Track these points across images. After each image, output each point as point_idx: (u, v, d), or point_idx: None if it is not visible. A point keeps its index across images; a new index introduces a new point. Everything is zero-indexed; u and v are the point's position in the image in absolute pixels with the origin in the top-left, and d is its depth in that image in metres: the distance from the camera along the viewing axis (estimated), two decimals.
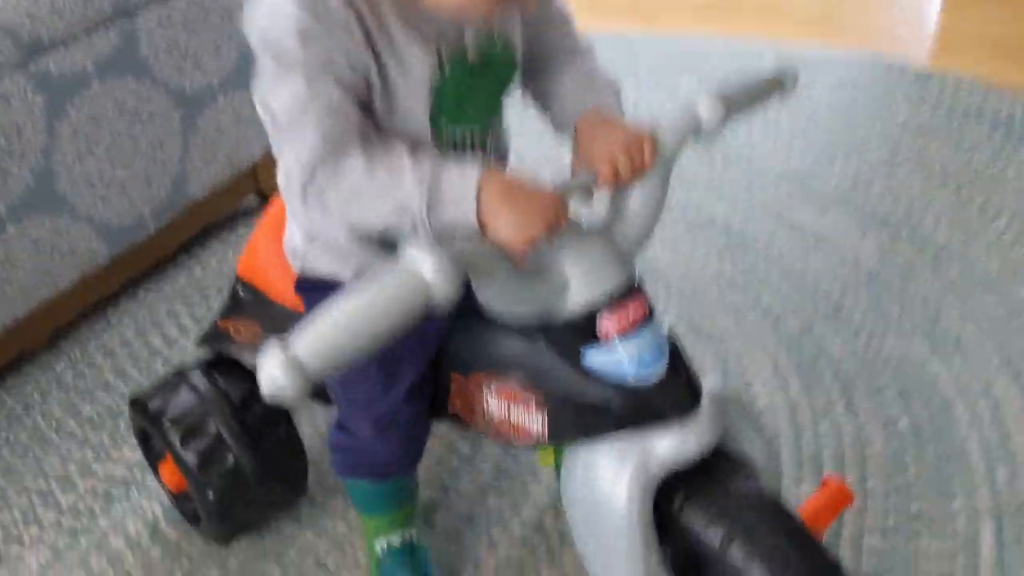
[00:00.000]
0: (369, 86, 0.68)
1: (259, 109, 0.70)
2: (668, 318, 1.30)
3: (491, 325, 0.78)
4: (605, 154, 0.70)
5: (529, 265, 0.71)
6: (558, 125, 0.79)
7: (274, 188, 0.85)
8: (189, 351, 1.32)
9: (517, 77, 0.78)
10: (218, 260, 1.53)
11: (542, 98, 0.80)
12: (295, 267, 0.84)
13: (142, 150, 1.40)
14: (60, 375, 1.32)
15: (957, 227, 1.41)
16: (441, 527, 1.04)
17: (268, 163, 1.64)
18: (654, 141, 0.73)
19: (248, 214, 1.62)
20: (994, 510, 0.98)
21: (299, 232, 0.82)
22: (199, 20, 1.44)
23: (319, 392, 0.95)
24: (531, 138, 1.04)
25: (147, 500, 1.11)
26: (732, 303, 1.32)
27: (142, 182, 1.41)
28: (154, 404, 1.00)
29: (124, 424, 1.22)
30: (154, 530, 1.08)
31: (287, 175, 0.68)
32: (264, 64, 0.67)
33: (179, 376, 1.03)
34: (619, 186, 0.73)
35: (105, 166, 1.35)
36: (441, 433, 1.15)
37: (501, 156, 0.81)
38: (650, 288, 0.74)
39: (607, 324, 0.70)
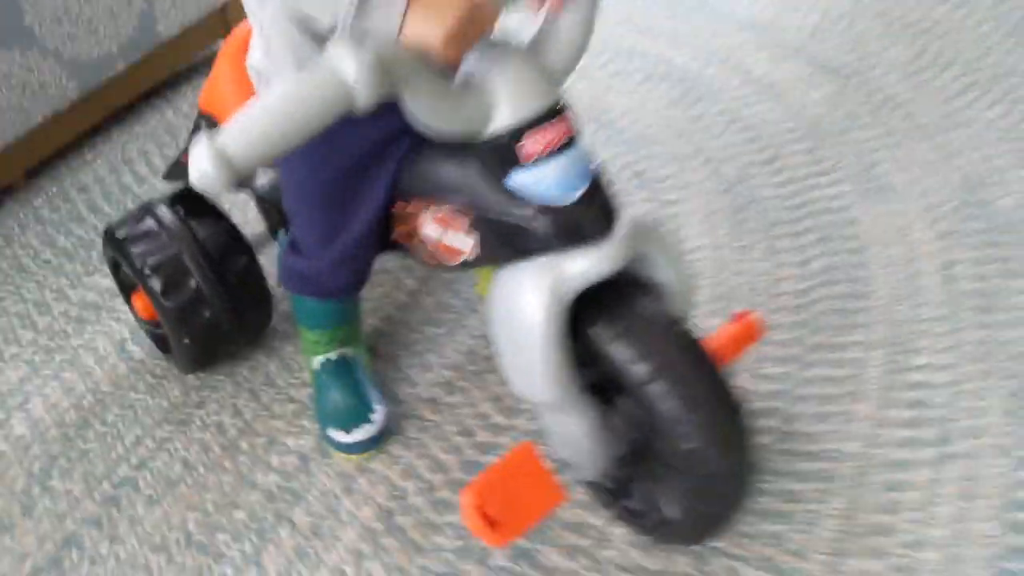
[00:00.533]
0: None
1: None
2: (617, 163, 1.35)
3: (429, 154, 0.83)
4: None
5: (457, 82, 0.74)
6: None
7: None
8: (159, 187, 1.40)
9: None
10: (189, 104, 1.58)
11: None
12: (256, 85, 0.88)
13: None
14: (38, 209, 1.41)
15: (907, 77, 1.43)
16: (383, 352, 1.13)
17: (237, 3, 1.66)
18: None
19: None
20: (885, 341, 1.06)
21: (259, 47, 0.84)
22: None
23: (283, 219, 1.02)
24: None
25: (115, 323, 1.21)
26: (678, 150, 1.36)
27: (108, 18, 1.45)
28: (122, 233, 1.06)
29: (96, 255, 1.31)
30: (121, 349, 1.18)
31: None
32: None
33: (146, 209, 1.08)
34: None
35: (74, 7, 1.39)
36: (390, 267, 1.24)
37: None
38: (601, 134, 0.78)
39: (531, 145, 0.74)
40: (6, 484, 1.05)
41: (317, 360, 1.03)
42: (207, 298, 1.03)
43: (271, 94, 0.62)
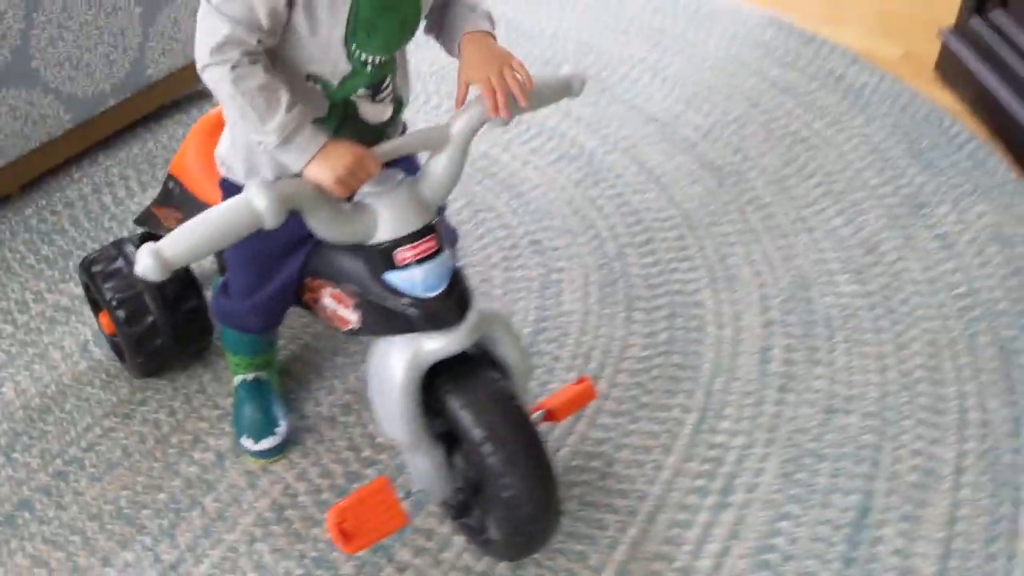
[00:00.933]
0: (292, 6, 0.88)
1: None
2: (519, 231, 1.60)
3: (330, 248, 1.05)
4: (484, 78, 0.93)
5: (351, 205, 0.98)
6: (449, 49, 1.01)
7: None
8: (132, 208, 1.64)
9: (420, 19, 0.98)
10: (168, 136, 1.82)
11: (435, 29, 1.02)
12: (220, 171, 1.11)
13: (105, 39, 1.67)
14: (27, 219, 1.64)
15: (775, 182, 1.69)
16: (295, 375, 1.38)
17: None
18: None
19: (199, 98, 1.90)
20: (700, 407, 1.31)
21: (227, 141, 1.07)
22: None
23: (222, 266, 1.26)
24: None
25: (81, 326, 1.45)
26: (573, 226, 1.61)
27: (104, 64, 1.69)
28: (96, 268, 1.29)
29: (73, 264, 1.54)
30: (84, 349, 1.42)
31: (198, 50, 0.88)
32: (199, 16, 0.89)
33: (117, 247, 1.31)
34: (496, 114, 0.94)
35: (72, 49, 1.63)
36: None
37: (398, 100, 1.04)
38: (512, 203, 1.02)
39: (404, 254, 0.98)
40: None
41: (237, 379, 1.28)
42: (160, 330, 1.28)
43: (204, 214, 0.87)
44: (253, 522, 1.19)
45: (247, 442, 1.25)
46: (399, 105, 1.05)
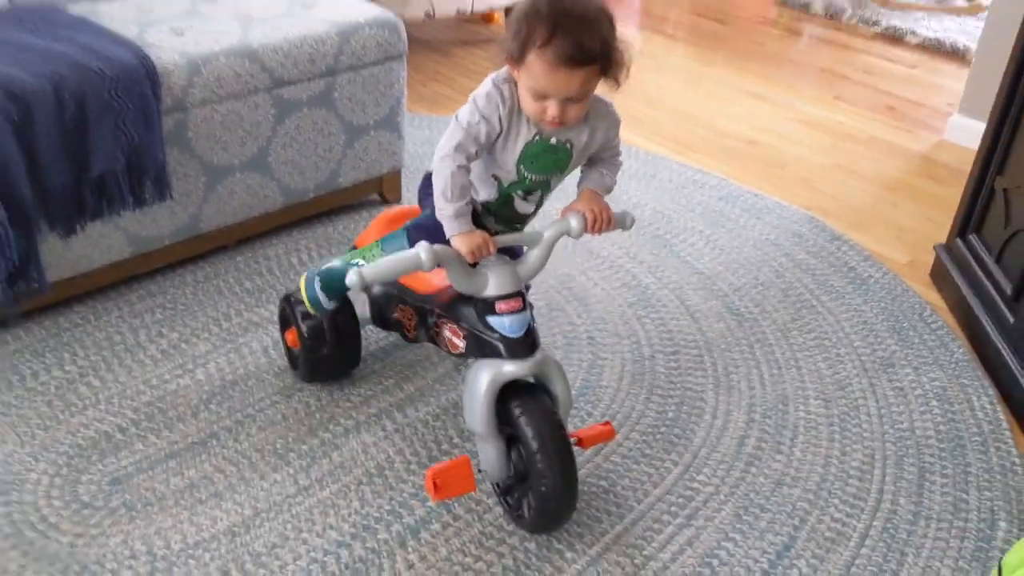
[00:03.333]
0: (495, 138, 1.47)
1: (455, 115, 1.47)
2: (580, 329, 2.16)
3: (458, 301, 1.62)
4: (589, 210, 1.53)
5: (474, 270, 1.54)
6: (580, 185, 1.60)
7: (392, 192, 1.78)
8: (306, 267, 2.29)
9: (568, 167, 1.54)
10: (343, 226, 2.50)
11: (582, 171, 1.63)
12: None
13: (318, 152, 2.39)
14: (237, 263, 2.31)
15: (780, 331, 2.22)
16: (407, 394, 1.94)
17: (391, 177, 2.61)
18: (611, 218, 1.54)
19: (370, 204, 2.59)
20: (686, 464, 1.81)
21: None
22: (371, 84, 2.41)
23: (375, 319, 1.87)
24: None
25: (266, 337, 2.07)
26: (620, 331, 2.17)
27: (313, 169, 2.39)
28: (294, 297, 1.88)
29: (265, 297, 2.19)
30: (265, 352, 2.03)
31: (441, 144, 1.46)
32: (469, 101, 1.46)
33: None
34: (592, 231, 1.53)
35: (295, 156, 2.35)
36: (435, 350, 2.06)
37: (539, 204, 1.61)
38: (577, 310, 1.61)
39: (501, 305, 1.54)
40: (186, 400, 1.89)
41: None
42: (331, 352, 1.86)
43: (390, 257, 1.47)
44: (362, 473, 1.74)
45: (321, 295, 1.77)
46: (538, 207, 1.65)
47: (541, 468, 1.49)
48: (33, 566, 1.53)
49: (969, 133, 3.15)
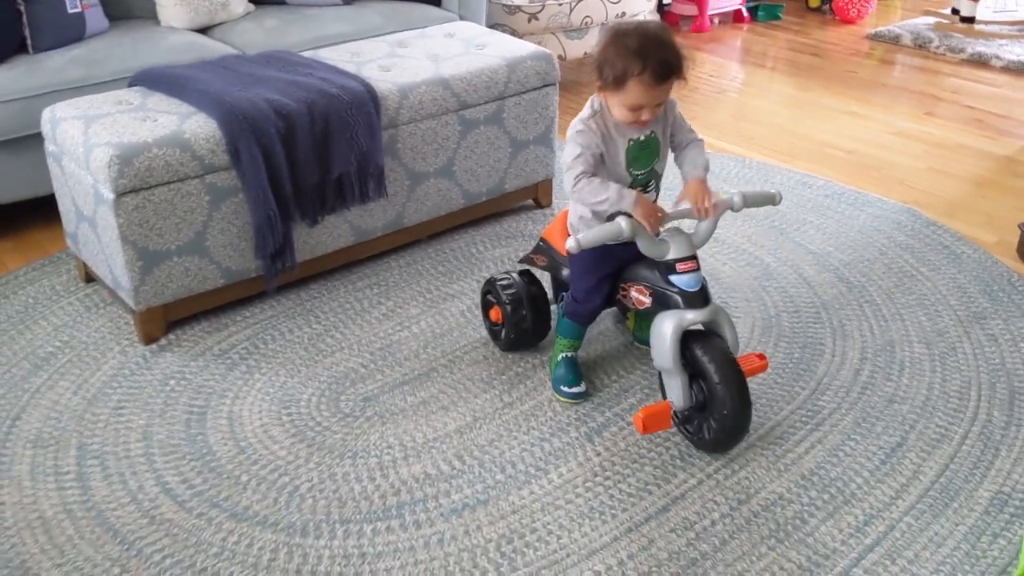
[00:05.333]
0: (601, 152, 2.02)
1: (563, 157, 2.06)
2: (713, 297, 2.62)
3: (642, 264, 2.06)
4: (694, 195, 2.00)
5: (658, 237, 1.99)
6: (684, 176, 2.10)
7: (544, 198, 2.30)
8: (488, 257, 2.81)
9: (662, 151, 2.02)
10: (509, 224, 3.03)
11: (678, 160, 2.12)
12: (570, 230, 2.22)
13: (490, 162, 2.93)
14: (429, 255, 2.85)
15: (885, 294, 2.63)
16: (593, 361, 2.42)
17: (544, 184, 3.14)
18: (713, 205, 1.94)
19: (527, 208, 3.12)
20: (815, 388, 2.23)
21: (574, 215, 2.20)
22: (531, 106, 2.95)
23: (562, 286, 2.35)
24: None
25: (462, 304, 2.59)
26: (748, 296, 2.62)
27: (487, 175, 2.93)
28: (499, 282, 2.28)
29: (455, 276, 2.71)
30: (463, 315, 2.55)
31: (567, 185, 2.00)
32: (567, 143, 2.00)
33: (507, 274, 2.38)
34: (698, 215, 1.94)
35: (474, 165, 2.89)
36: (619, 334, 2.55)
37: (657, 188, 2.13)
38: (709, 283, 2.08)
39: (680, 266, 1.93)
40: (408, 346, 2.41)
41: (560, 356, 2.20)
42: (527, 319, 2.32)
43: (599, 227, 1.93)
44: (550, 397, 2.22)
45: (563, 388, 2.16)
46: (657, 193, 2.14)
47: (721, 395, 1.86)
48: (317, 455, 2.06)
49: None
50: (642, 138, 2.01)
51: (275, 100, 2.43)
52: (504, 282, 2.34)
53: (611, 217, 1.96)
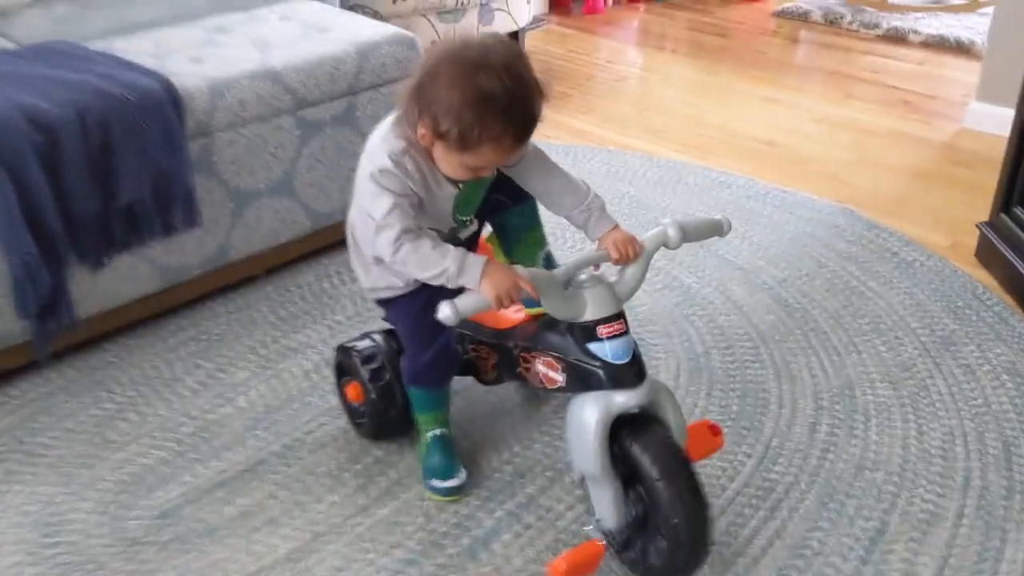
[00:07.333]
0: (420, 200, 1.42)
1: (362, 213, 1.46)
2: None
3: (548, 329, 1.48)
4: (615, 244, 1.45)
5: (571, 293, 1.38)
6: (588, 233, 1.50)
7: None
8: (343, 294, 2.22)
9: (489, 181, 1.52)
10: None
11: (553, 205, 1.54)
12: (376, 295, 1.62)
13: (343, 172, 2.33)
14: (268, 293, 2.24)
15: (833, 318, 2.15)
16: (475, 435, 1.86)
17: None
18: (641, 244, 1.45)
19: None
20: (759, 455, 1.73)
21: (359, 257, 1.62)
22: (392, 102, 2.37)
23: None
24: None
25: (305, 362, 1.99)
26: (670, 331, 2.10)
27: (339, 191, 2.34)
28: (356, 351, 1.68)
29: (300, 323, 2.11)
30: (307, 376, 1.95)
31: (381, 250, 1.39)
32: (367, 188, 1.40)
33: (368, 336, 1.72)
34: (620, 264, 1.45)
35: (321, 178, 2.29)
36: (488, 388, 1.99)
37: (478, 232, 1.64)
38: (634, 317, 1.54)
39: (602, 330, 1.38)
40: (230, 428, 1.80)
41: (428, 435, 1.64)
42: (397, 401, 1.67)
43: (471, 294, 1.34)
44: (423, 489, 1.65)
45: (435, 482, 1.61)
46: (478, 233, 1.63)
47: (668, 499, 1.33)
48: None
49: (991, 118, 3.12)
50: (467, 183, 1.49)
51: (31, 106, 1.78)
52: (364, 348, 1.73)
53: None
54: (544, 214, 1.64)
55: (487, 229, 1.71)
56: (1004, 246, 2.29)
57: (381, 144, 1.44)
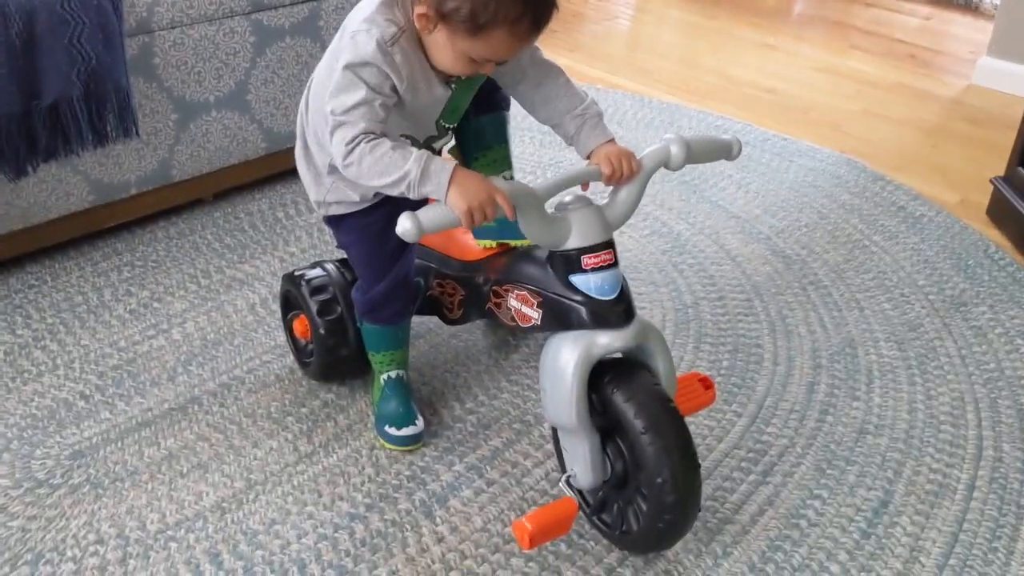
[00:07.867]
0: (399, 100, 1.18)
1: (323, 106, 1.17)
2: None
3: (523, 258, 1.28)
4: (608, 159, 1.22)
5: (553, 215, 1.17)
6: (579, 148, 1.26)
7: None
8: (298, 225, 2.01)
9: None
10: None
11: (542, 114, 1.30)
12: (327, 210, 1.36)
13: (302, 87, 2.11)
14: (215, 219, 2.03)
15: (834, 271, 1.97)
16: (435, 380, 1.67)
17: None
18: (639, 161, 1.22)
19: None
20: (751, 415, 1.55)
21: (307, 163, 1.38)
22: None
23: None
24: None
25: (252, 294, 1.79)
26: (656, 279, 1.91)
27: (298, 110, 2.11)
28: (305, 281, 1.48)
29: (250, 253, 1.90)
30: (252, 309, 1.75)
31: (333, 150, 1.15)
32: (337, 78, 1.14)
33: (319, 265, 1.52)
34: (613, 182, 1.21)
35: (278, 93, 2.07)
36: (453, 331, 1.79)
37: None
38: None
39: (587, 261, 1.17)
40: (161, 362, 1.60)
41: (383, 376, 1.45)
42: (349, 337, 1.47)
43: (438, 205, 1.12)
44: (371, 442, 1.46)
45: (389, 430, 1.42)
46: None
47: (654, 456, 1.14)
48: None
49: (1002, 75, 2.94)
50: (461, 79, 1.26)
51: None
52: (312, 278, 1.52)
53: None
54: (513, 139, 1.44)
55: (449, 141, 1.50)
56: (1021, 202, 2.12)
57: (367, 27, 1.18)
